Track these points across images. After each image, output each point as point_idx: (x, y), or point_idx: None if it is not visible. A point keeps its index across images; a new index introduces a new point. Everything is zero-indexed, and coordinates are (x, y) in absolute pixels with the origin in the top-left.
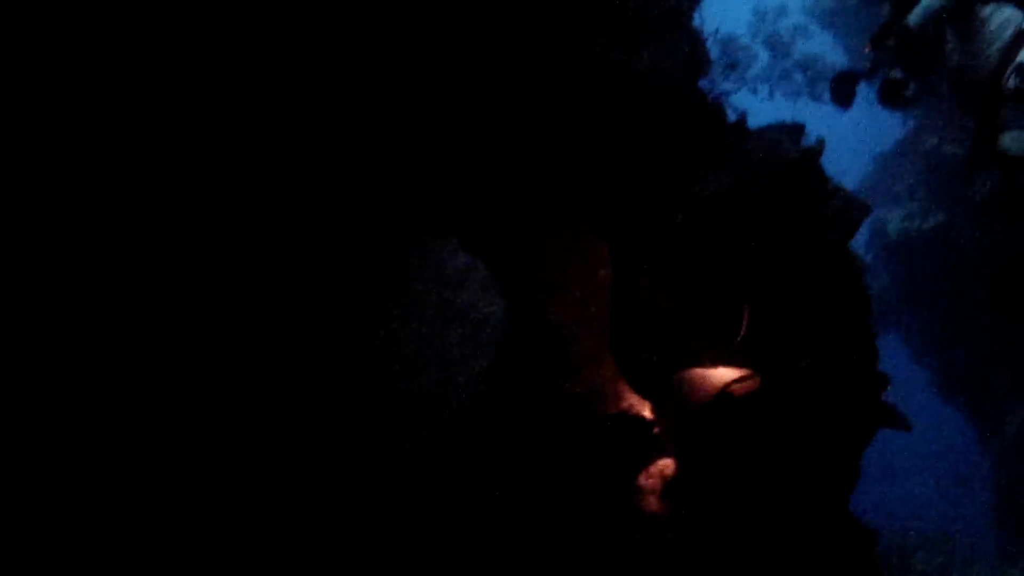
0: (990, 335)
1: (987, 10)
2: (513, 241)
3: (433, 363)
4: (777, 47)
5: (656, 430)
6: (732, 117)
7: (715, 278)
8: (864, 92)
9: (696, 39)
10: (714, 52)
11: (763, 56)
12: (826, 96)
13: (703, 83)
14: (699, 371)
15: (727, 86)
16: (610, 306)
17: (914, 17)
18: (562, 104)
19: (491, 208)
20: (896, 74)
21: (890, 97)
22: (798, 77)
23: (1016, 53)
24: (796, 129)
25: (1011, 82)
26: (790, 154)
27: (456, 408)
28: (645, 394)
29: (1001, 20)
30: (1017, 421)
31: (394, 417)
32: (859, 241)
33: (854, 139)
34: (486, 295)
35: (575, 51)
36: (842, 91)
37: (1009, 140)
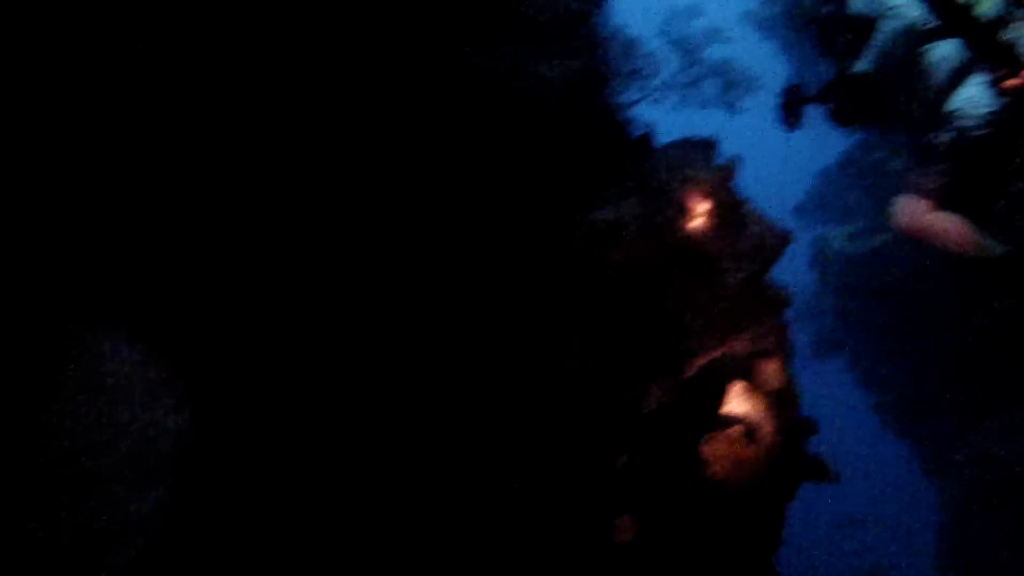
0: (938, 364)
1: (924, 47)
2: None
3: (94, 499)
4: (688, 52)
5: None
6: (638, 131)
7: (612, 316)
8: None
9: (599, 45)
10: (618, 58)
11: (672, 62)
12: (742, 105)
13: (606, 93)
14: None
15: (632, 95)
16: None
17: (861, 65)
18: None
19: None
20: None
21: (842, 118)
22: (710, 85)
23: (950, 93)
24: (707, 145)
25: (943, 138)
26: (699, 175)
27: (124, 556)
28: None
29: (938, 58)
30: (965, 454)
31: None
32: (801, 260)
33: (794, 152)
34: (157, 403)
35: (454, 59)
36: (789, 111)
37: None
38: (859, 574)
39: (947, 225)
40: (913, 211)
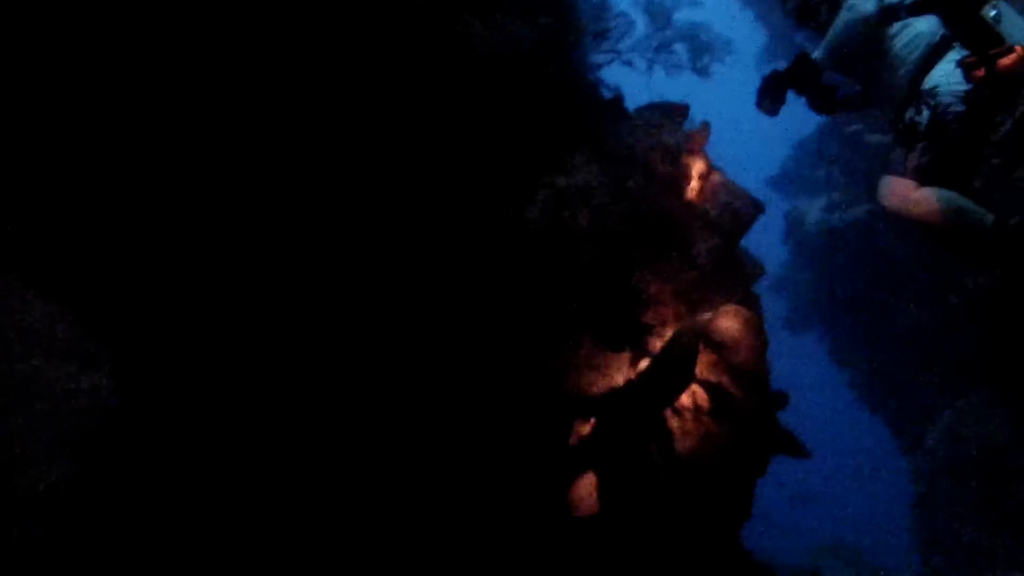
0: (912, 341)
1: (895, 27)
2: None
3: None
4: (659, 15)
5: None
6: (607, 94)
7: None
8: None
9: (569, 3)
10: (588, 18)
11: (643, 24)
12: (715, 72)
13: (575, 54)
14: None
15: (601, 57)
16: None
17: (818, 52)
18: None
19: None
20: (830, 78)
21: (822, 105)
22: (680, 48)
23: (927, 70)
24: (678, 110)
25: (922, 115)
26: (670, 140)
27: (24, 533)
28: None
29: (913, 35)
30: (936, 434)
31: None
32: (775, 232)
33: (769, 123)
34: (70, 359)
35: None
36: (770, 95)
37: None
38: (828, 549)
39: (935, 200)
40: (900, 190)
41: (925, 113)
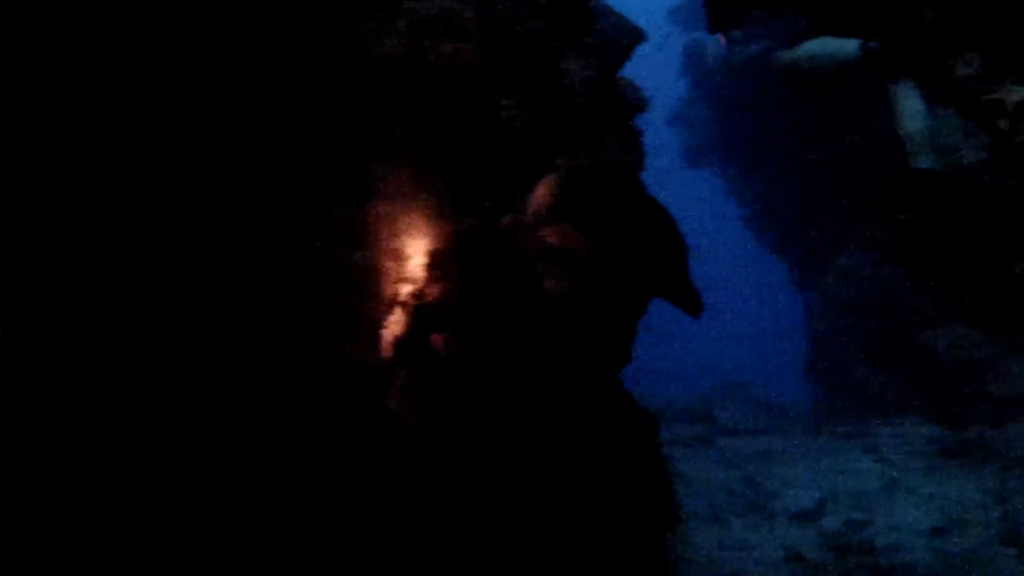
0: (810, 180)
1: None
2: None
3: None
4: None
5: None
6: None
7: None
8: None
9: None
10: None
11: None
12: None
13: None
14: None
15: None
16: None
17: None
18: None
19: None
20: None
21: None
22: None
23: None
24: None
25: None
26: None
27: None
28: None
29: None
30: (835, 273)
31: None
32: (672, 66)
33: None
34: None
35: None
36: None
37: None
38: (721, 388)
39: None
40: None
41: None
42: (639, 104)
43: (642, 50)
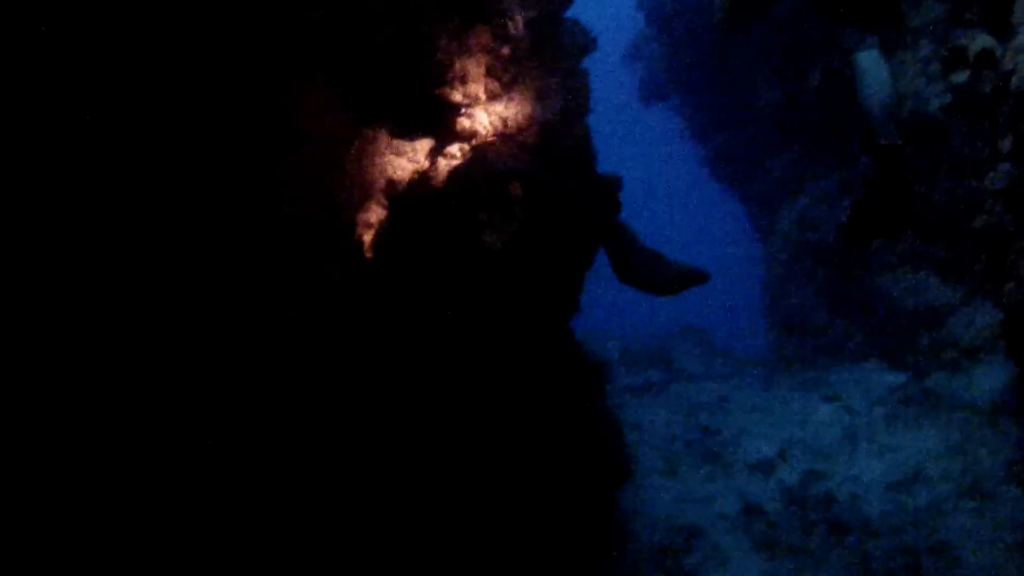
0: (767, 120)
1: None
2: None
3: None
4: None
5: None
6: None
7: None
8: None
9: None
10: None
11: None
12: None
13: None
14: None
15: None
16: None
17: None
18: None
19: None
20: None
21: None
22: None
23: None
24: None
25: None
26: None
27: None
28: None
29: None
30: (790, 215)
31: None
32: (627, 1)
33: None
34: None
35: None
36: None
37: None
38: (677, 333)
39: None
40: None
41: None
42: (585, 45)
43: None
